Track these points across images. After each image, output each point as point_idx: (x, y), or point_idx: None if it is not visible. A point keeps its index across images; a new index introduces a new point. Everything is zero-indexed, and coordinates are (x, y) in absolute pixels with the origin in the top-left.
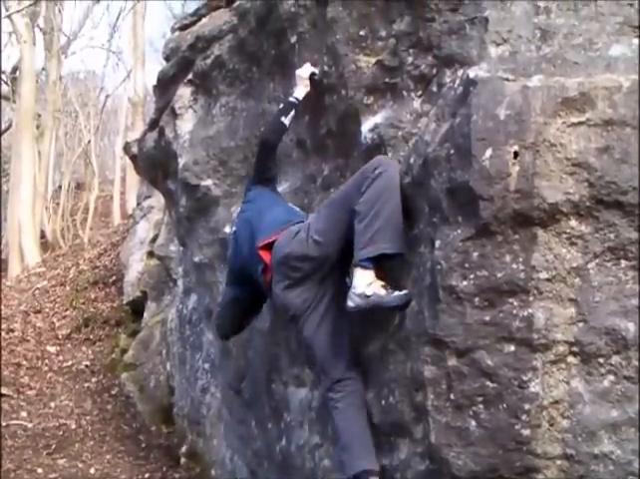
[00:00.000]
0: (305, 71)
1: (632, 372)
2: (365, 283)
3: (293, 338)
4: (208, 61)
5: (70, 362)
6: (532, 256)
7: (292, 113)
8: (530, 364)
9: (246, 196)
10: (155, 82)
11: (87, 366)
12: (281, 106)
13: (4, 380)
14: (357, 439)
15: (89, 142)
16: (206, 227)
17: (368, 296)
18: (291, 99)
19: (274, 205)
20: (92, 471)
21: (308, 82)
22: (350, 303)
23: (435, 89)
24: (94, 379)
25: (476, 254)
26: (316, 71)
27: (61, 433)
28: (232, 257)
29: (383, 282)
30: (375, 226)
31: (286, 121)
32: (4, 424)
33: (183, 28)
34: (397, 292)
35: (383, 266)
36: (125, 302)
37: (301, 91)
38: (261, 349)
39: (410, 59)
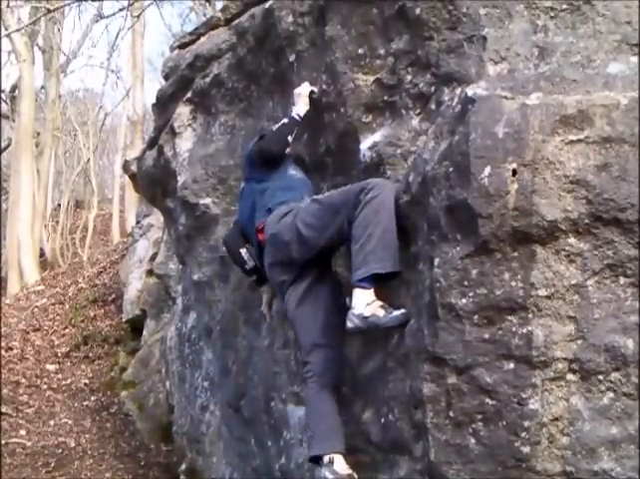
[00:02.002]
0: (305, 89)
1: (632, 389)
2: (364, 304)
3: (292, 356)
4: (207, 79)
5: (69, 380)
6: (531, 274)
7: (296, 131)
8: (530, 381)
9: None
10: (154, 100)
11: (86, 384)
12: (285, 121)
13: (3, 398)
14: (314, 425)
15: (88, 160)
16: (206, 245)
17: (366, 318)
18: (295, 116)
19: (277, 179)
20: None
21: (308, 100)
22: (349, 324)
23: (433, 107)
24: (93, 397)
25: (475, 272)
26: (315, 89)
27: (60, 451)
28: (239, 210)
29: (382, 303)
30: (367, 247)
31: (290, 139)
32: (3, 442)
33: (182, 47)
34: (395, 312)
35: (382, 286)
36: (124, 320)
37: (302, 109)
38: (261, 367)
39: (408, 77)
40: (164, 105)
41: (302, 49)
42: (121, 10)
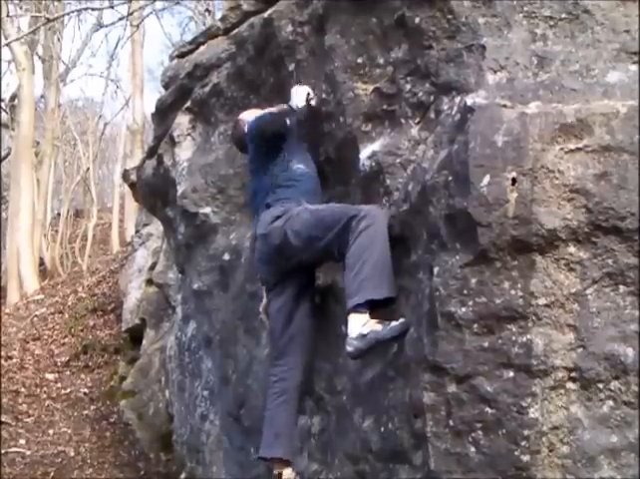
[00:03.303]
0: (303, 88)
1: (631, 397)
2: (359, 325)
3: None
4: (207, 89)
5: (68, 390)
6: (531, 283)
7: (294, 118)
8: (530, 390)
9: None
10: (153, 110)
11: (85, 394)
12: (284, 106)
13: (3, 408)
14: (265, 427)
15: (87, 169)
16: (205, 254)
17: (365, 335)
18: (292, 105)
19: (280, 172)
20: None
21: (305, 97)
22: (349, 348)
23: (432, 116)
24: (92, 407)
25: (474, 281)
26: (311, 91)
27: (59, 461)
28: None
29: (377, 319)
30: (362, 274)
31: (289, 122)
32: (3, 451)
33: (182, 56)
34: (393, 323)
35: (377, 312)
36: (123, 330)
37: (299, 101)
38: (260, 376)
39: (408, 86)
40: (164, 114)
41: (301, 58)
42: (120, 19)
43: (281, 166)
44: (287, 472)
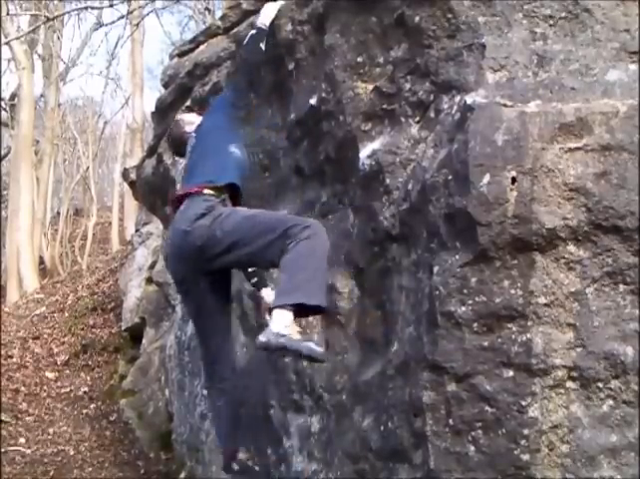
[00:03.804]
0: (274, 5)
1: (631, 397)
2: (283, 324)
3: (291, 365)
4: (207, 87)
5: (68, 388)
6: (531, 282)
7: (265, 39)
8: (529, 389)
9: (208, 112)
10: (153, 108)
11: (85, 392)
12: (253, 32)
13: (2, 406)
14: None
15: (87, 168)
16: None
17: (282, 335)
18: (260, 26)
19: (219, 153)
20: None
21: (273, 12)
22: (261, 338)
23: (432, 115)
24: (92, 405)
25: (474, 280)
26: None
27: (59, 459)
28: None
29: (300, 329)
30: (298, 279)
31: (263, 46)
32: (2, 450)
33: (182, 55)
34: (311, 344)
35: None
36: (123, 329)
37: (266, 19)
38: (260, 376)
39: (407, 85)
40: (164, 113)
41: (301, 57)
42: (120, 18)
43: (223, 143)
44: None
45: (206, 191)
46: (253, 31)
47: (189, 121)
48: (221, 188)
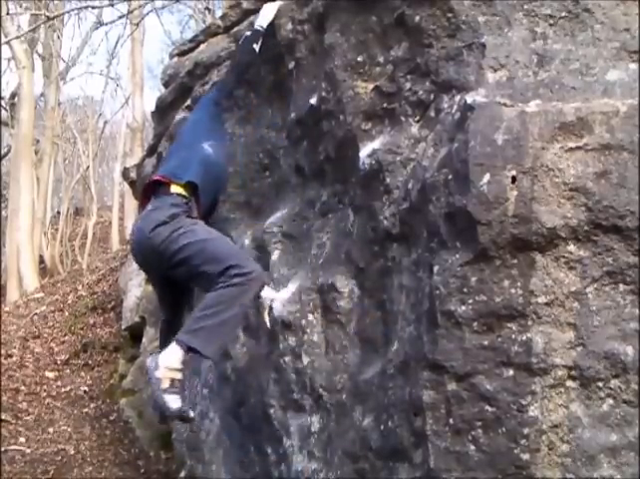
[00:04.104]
0: (272, 5)
1: (631, 396)
2: (169, 363)
3: (292, 364)
4: (207, 87)
5: (68, 388)
6: (531, 281)
7: (261, 40)
8: (529, 389)
9: (195, 108)
10: (153, 108)
11: (85, 392)
12: (248, 34)
13: (2, 406)
14: None
15: (87, 168)
16: None
17: (158, 378)
18: (257, 27)
19: (190, 147)
20: None
21: (273, 15)
22: (148, 360)
23: (432, 114)
24: (92, 405)
25: (474, 279)
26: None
27: (59, 459)
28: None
29: (180, 377)
30: (207, 323)
31: (257, 47)
32: (2, 449)
33: (182, 54)
34: (180, 404)
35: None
36: (123, 328)
37: (264, 21)
38: (260, 374)
39: (407, 85)
40: (164, 112)
41: (301, 56)
42: (120, 18)
43: (193, 143)
44: None
45: (174, 188)
46: (248, 32)
47: None
48: (186, 185)
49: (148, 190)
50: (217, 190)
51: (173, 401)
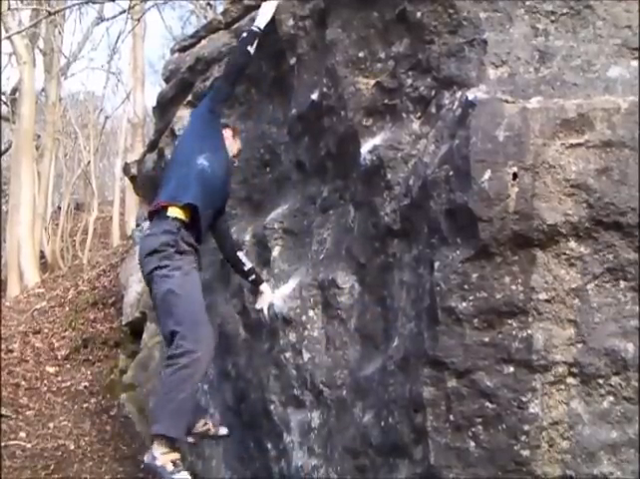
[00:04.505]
0: (271, 3)
1: (632, 393)
2: (159, 451)
3: (292, 360)
4: (208, 82)
5: (69, 383)
6: (532, 278)
7: (256, 42)
8: (530, 385)
9: (190, 121)
10: (154, 103)
11: (86, 387)
12: (244, 35)
13: (3, 401)
14: None
15: (88, 163)
16: (205, 248)
17: (161, 466)
18: (254, 28)
19: (187, 165)
20: None
21: (270, 14)
22: (146, 459)
23: (434, 111)
24: (93, 400)
25: (475, 276)
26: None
27: (60, 454)
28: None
29: (177, 456)
30: (168, 408)
31: (252, 50)
32: (3, 444)
33: (183, 50)
34: (181, 475)
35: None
36: (124, 323)
37: (262, 21)
38: (260, 370)
39: (409, 81)
40: (165, 108)
41: (303, 52)
42: (121, 13)
43: (188, 160)
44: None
45: (171, 211)
46: (245, 34)
47: None
48: (184, 207)
49: (150, 213)
50: (219, 199)
51: (184, 476)
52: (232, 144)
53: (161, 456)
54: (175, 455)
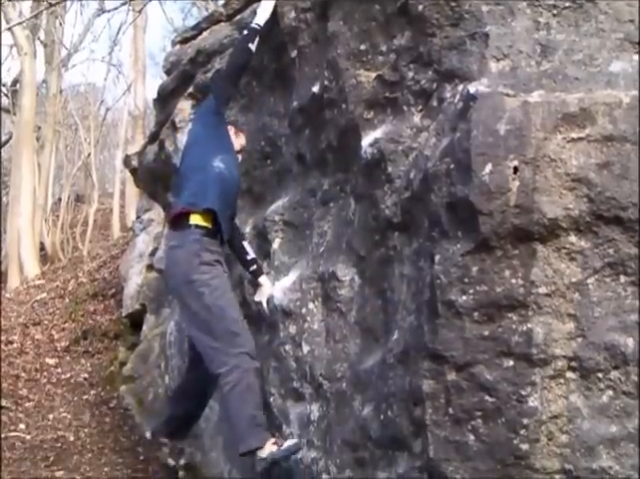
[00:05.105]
0: (269, 4)
1: (631, 387)
2: (258, 457)
3: (292, 353)
4: (209, 75)
5: (68, 375)
6: (532, 271)
7: (257, 39)
8: (529, 379)
9: (194, 120)
10: (155, 95)
11: (85, 379)
12: (245, 32)
13: (3, 392)
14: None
15: (89, 155)
16: None
17: (264, 459)
18: (254, 25)
19: (203, 169)
20: None
21: (272, 9)
22: (258, 468)
23: (435, 104)
24: (92, 392)
25: (475, 269)
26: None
27: (59, 445)
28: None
29: (273, 439)
30: (239, 428)
31: (253, 47)
32: (3, 436)
33: (184, 42)
34: (287, 444)
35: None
36: (124, 315)
37: (261, 19)
38: (260, 363)
39: (410, 74)
40: (166, 100)
41: (304, 45)
42: (122, 4)
43: (203, 163)
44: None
45: (193, 219)
46: (245, 31)
47: None
48: (204, 212)
49: (171, 220)
50: (235, 198)
51: (290, 448)
52: (236, 140)
53: (264, 452)
54: (270, 440)
